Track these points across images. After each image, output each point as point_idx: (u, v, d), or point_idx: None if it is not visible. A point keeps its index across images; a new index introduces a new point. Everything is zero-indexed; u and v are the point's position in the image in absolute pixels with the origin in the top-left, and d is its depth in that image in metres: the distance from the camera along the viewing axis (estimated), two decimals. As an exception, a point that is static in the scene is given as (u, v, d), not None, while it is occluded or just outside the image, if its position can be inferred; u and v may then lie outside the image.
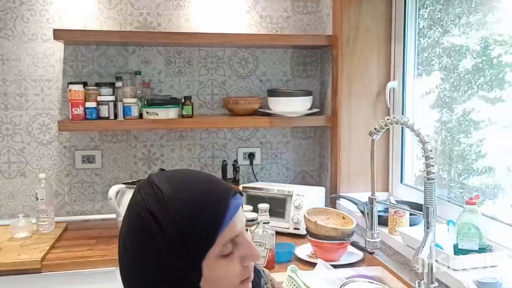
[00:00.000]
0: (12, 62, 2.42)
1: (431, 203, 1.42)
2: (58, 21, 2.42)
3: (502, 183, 1.80)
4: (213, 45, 2.53)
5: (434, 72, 2.13)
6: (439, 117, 2.12)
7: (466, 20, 1.94)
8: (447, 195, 2.04)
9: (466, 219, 1.53)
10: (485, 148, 1.86)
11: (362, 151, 2.37)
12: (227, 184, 0.94)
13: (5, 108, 2.43)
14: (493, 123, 1.81)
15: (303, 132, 2.72)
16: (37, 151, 2.47)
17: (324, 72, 2.62)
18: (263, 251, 1.80)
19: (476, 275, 1.40)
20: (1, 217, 2.46)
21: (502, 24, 1.75)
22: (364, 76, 2.35)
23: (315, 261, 1.70)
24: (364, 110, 2.37)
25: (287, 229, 2.21)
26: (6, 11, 2.39)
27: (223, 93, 2.62)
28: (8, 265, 1.92)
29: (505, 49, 1.73)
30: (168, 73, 2.55)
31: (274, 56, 2.65)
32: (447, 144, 2.08)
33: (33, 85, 2.44)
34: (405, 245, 1.76)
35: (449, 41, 2.03)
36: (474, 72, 1.89)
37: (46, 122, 2.47)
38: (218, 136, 2.65)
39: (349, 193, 2.31)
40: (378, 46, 2.34)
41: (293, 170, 2.73)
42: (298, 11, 2.64)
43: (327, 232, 1.84)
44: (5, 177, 2.46)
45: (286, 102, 2.39)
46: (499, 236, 1.60)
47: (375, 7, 2.32)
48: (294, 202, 2.20)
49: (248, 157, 2.67)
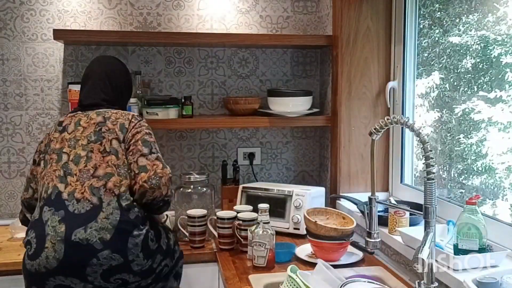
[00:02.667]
0: (12, 62, 2.42)
1: (431, 203, 1.42)
2: (58, 21, 2.43)
3: (502, 183, 1.80)
4: (213, 45, 2.53)
5: (434, 72, 2.13)
6: (439, 117, 2.12)
7: (466, 20, 1.94)
8: (447, 195, 2.04)
9: (466, 219, 1.53)
10: (485, 148, 1.86)
11: (362, 151, 2.37)
12: None
13: (5, 108, 2.43)
14: (493, 123, 1.81)
15: (303, 132, 2.72)
16: (37, 151, 2.47)
17: (324, 72, 2.62)
18: (263, 251, 1.80)
19: (476, 275, 1.39)
20: (1, 217, 2.46)
21: (502, 24, 1.75)
22: (364, 76, 2.35)
23: (315, 261, 1.69)
24: (364, 110, 2.37)
25: (287, 229, 2.21)
26: (6, 11, 2.39)
27: (223, 93, 2.62)
28: (8, 265, 1.93)
29: (505, 49, 1.73)
30: (168, 73, 2.55)
31: (274, 56, 2.65)
32: (447, 144, 2.08)
33: (33, 85, 2.44)
34: (405, 245, 1.76)
35: (449, 41, 2.03)
36: (474, 72, 1.89)
37: (46, 122, 2.47)
38: (218, 136, 2.65)
39: (349, 193, 2.31)
40: (378, 46, 2.34)
41: (293, 170, 2.73)
42: (298, 11, 2.64)
43: (327, 232, 1.83)
44: (5, 177, 2.46)
45: (286, 102, 2.39)
46: (499, 236, 1.60)
47: (375, 7, 2.32)
48: (294, 202, 2.20)
49: (248, 157, 2.67)
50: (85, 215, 1.61)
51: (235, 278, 1.76)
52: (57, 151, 1.76)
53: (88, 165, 1.70)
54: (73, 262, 1.57)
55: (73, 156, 1.72)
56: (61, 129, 1.82)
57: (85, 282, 1.59)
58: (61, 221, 1.60)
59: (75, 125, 1.80)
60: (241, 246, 2.01)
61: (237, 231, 2.02)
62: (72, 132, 1.78)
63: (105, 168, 1.69)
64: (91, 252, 1.57)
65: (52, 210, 1.63)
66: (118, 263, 1.60)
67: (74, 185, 1.66)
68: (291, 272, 1.44)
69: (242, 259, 1.95)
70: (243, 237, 1.98)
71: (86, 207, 1.62)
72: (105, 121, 1.78)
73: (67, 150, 1.75)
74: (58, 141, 1.78)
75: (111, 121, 1.78)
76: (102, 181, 1.67)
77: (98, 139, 1.74)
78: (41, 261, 1.57)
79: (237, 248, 2.04)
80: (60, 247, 1.57)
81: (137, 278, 1.66)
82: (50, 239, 1.58)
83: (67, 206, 1.63)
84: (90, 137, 1.75)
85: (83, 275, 1.57)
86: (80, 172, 1.68)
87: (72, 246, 1.57)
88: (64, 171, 1.70)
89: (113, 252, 1.59)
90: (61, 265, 1.56)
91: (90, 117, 1.81)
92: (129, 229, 1.63)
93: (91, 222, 1.59)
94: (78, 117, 1.83)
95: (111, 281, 1.61)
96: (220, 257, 1.98)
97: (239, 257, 1.96)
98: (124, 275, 1.62)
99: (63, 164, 1.72)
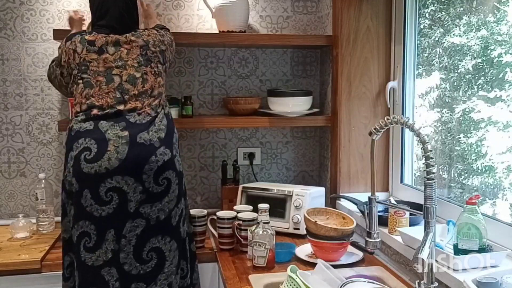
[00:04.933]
0: (12, 62, 2.42)
1: (431, 203, 1.42)
2: (58, 21, 2.43)
3: (502, 182, 1.80)
4: (213, 45, 2.53)
5: (434, 72, 2.13)
6: (439, 117, 2.12)
7: (466, 20, 1.94)
8: (447, 195, 2.04)
9: (466, 219, 1.53)
10: (485, 148, 1.86)
11: (362, 151, 2.37)
12: None
13: (5, 108, 2.43)
14: (493, 123, 1.81)
15: (303, 132, 2.72)
16: (37, 151, 2.47)
17: (324, 72, 2.62)
18: (263, 251, 1.80)
19: (476, 275, 1.39)
20: (1, 217, 2.46)
21: (502, 24, 1.75)
22: (364, 76, 2.35)
23: (315, 261, 1.69)
24: (364, 110, 2.37)
25: (287, 229, 2.21)
26: (6, 11, 2.39)
27: (223, 93, 2.62)
28: (8, 265, 1.93)
29: (505, 49, 1.73)
30: (168, 73, 2.55)
31: (274, 56, 2.65)
32: (447, 144, 2.08)
33: (33, 85, 2.44)
34: (405, 245, 1.76)
35: (449, 41, 2.03)
36: (474, 72, 1.89)
37: (46, 122, 2.47)
38: (218, 136, 2.65)
39: (349, 193, 2.32)
40: (378, 46, 2.34)
41: (293, 170, 2.73)
42: (298, 11, 2.64)
43: (327, 232, 1.83)
44: (5, 177, 2.46)
45: (286, 102, 2.39)
46: (499, 236, 1.60)
47: (375, 7, 2.32)
48: (294, 202, 2.20)
49: (248, 157, 2.67)
50: (146, 124, 1.82)
51: (235, 278, 1.76)
52: (103, 73, 1.87)
53: (145, 86, 1.88)
54: (136, 160, 1.74)
55: (126, 77, 1.87)
56: (97, 49, 1.89)
57: (137, 183, 1.74)
58: (124, 129, 1.78)
59: (114, 45, 1.89)
60: (241, 246, 2.01)
61: (237, 231, 2.02)
62: (114, 54, 1.89)
63: (158, 88, 1.91)
64: (152, 150, 1.77)
65: (111, 123, 1.79)
66: (168, 157, 1.80)
67: (134, 103, 1.84)
68: (291, 272, 1.44)
69: (242, 259, 1.95)
70: (243, 237, 1.98)
71: (147, 118, 1.83)
72: (147, 44, 1.93)
73: (117, 71, 1.87)
74: (100, 63, 1.88)
75: (152, 45, 1.95)
76: (158, 99, 1.89)
77: (148, 62, 1.92)
78: (103, 163, 1.72)
79: (237, 248, 2.04)
80: (124, 149, 1.74)
81: (176, 180, 1.82)
82: (112, 143, 1.75)
83: (128, 119, 1.81)
84: (140, 60, 1.90)
85: (140, 173, 1.74)
86: (139, 92, 1.86)
87: (137, 146, 1.76)
88: (120, 92, 1.85)
89: (166, 148, 1.81)
90: (123, 164, 1.73)
91: (129, 39, 1.92)
92: (173, 128, 1.91)
93: (151, 126, 1.82)
94: (113, 38, 1.91)
95: (159, 183, 1.77)
96: (220, 257, 1.98)
97: (239, 257, 1.97)
98: (169, 173, 1.80)
99: (117, 86, 1.85)
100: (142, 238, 1.75)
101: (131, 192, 1.73)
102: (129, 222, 1.74)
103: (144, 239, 1.76)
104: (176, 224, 1.83)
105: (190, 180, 2.62)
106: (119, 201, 1.73)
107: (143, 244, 1.76)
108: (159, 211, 1.77)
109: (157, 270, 1.77)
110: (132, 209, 1.74)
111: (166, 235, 1.79)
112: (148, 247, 1.76)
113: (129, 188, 1.73)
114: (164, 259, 1.79)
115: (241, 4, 2.41)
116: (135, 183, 1.74)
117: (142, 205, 1.74)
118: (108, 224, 1.73)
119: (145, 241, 1.76)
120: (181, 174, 1.87)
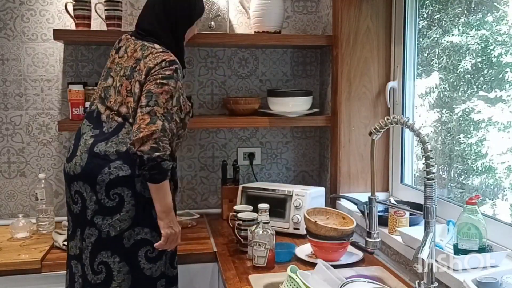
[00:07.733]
0: (12, 62, 2.42)
1: (431, 203, 1.42)
2: (58, 21, 2.43)
3: (502, 183, 1.80)
4: (213, 45, 2.53)
5: (434, 72, 2.13)
6: (439, 117, 2.12)
7: (465, 20, 1.94)
8: (447, 195, 2.04)
9: (466, 219, 1.53)
10: (485, 148, 1.86)
11: (362, 151, 2.37)
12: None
13: (5, 108, 2.43)
14: (493, 123, 1.81)
15: (303, 132, 2.72)
16: (37, 151, 2.47)
17: (324, 72, 2.62)
18: (263, 251, 1.80)
19: (476, 275, 1.39)
20: (1, 217, 2.46)
21: (502, 24, 1.75)
22: (364, 76, 2.35)
23: (315, 261, 1.69)
24: (364, 110, 2.37)
25: (287, 229, 2.21)
26: (6, 11, 2.39)
27: (223, 93, 2.62)
28: (8, 265, 1.93)
29: (505, 49, 1.73)
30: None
31: (274, 56, 2.65)
32: (447, 144, 2.08)
33: (33, 85, 2.44)
34: (405, 245, 1.76)
35: (448, 41, 2.03)
36: (474, 72, 1.89)
37: (46, 122, 2.47)
38: (218, 136, 2.65)
39: (349, 193, 2.32)
40: (378, 46, 2.34)
41: (293, 170, 2.73)
42: (298, 11, 2.64)
43: (327, 232, 1.84)
44: (5, 177, 2.46)
45: (286, 102, 2.39)
46: (499, 236, 1.60)
47: (375, 7, 2.32)
48: (294, 202, 2.20)
49: (248, 157, 2.67)
50: (109, 134, 1.76)
51: (235, 278, 1.76)
52: (106, 70, 1.89)
53: (117, 99, 1.79)
54: (92, 169, 1.72)
55: (115, 83, 1.82)
56: (117, 49, 1.90)
57: (92, 192, 1.72)
58: (92, 137, 1.78)
59: (125, 50, 1.87)
60: (241, 246, 2.01)
61: (237, 231, 2.02)
62: (121, 57, 1.86)
63: (126, 108, 1.76)
64: (105, 162, 1.71)
65: (91, 126, 1.81)
66: (124, 174, 1.71)
67: (110, 111, 1.80)
68: (291, 272, 1.44)
69: (242, 259, 1.95)
70: (243, 237, 1.98)
71: (114, 125, 1.77)
72: (141, 59, 1.77)
73: (113, 74, 1.85)
74: (110, 60, 1.90)
75: (144, 62, 1.75)
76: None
77: (130, 76, 1.78)
78: (71, 166, 1.77)
79: (237, 248, 2.04)
80: (85, 157, 1.75)
81: (132, 201, 1.71)
82: (80, 149, 1.78)
83: (103, 127, 1.78)
84: (127, 70, 1.80)
85: (94, 183, 1.72)
86: (114, 102, 1.79)
87: (93, 155, 1.73)
88: (105, 93, 1.84)
89: (125, 164, 1.71)
90: (83, 171, 1.74)
91: (135, 49, 1.82)
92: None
93: (113, 137, 1.75)
94: (129, 43, 1.87)
95: (110, 197, 1.70)
96: (220, 257, 1.98)
97: (239, 257, 1.96)
98: (122, 189, 1.71)
99: (105, 86, 1.85)
100: (95, 248, 1.72)
101: (88, 199, 1.73)
102: (87, 228, 1.73)
103: (96, 249, 1.72)
104: (130, 248, 1.72)
105: (190, 180, 2.62)
106: (81, 205, 1.75)
107: (95, 254, 1.72)
108: (110, 226, 1.70)
109: (106, 284, 1.72)
110: (89, 217, 1.72)
111: (116, 254, 1.71)
112: (99, 259, 1.72)
113: (87, 196, 1.73)
114: (111, 277, 1.72)
115: (275, 4, 2.43)
116: (91, 192, 1.72)
117: (96, 215, 1.71)
118: (77, 223, 1.77)
119: (96, 252, 1.72)
120: (141, 197, 1.71)
